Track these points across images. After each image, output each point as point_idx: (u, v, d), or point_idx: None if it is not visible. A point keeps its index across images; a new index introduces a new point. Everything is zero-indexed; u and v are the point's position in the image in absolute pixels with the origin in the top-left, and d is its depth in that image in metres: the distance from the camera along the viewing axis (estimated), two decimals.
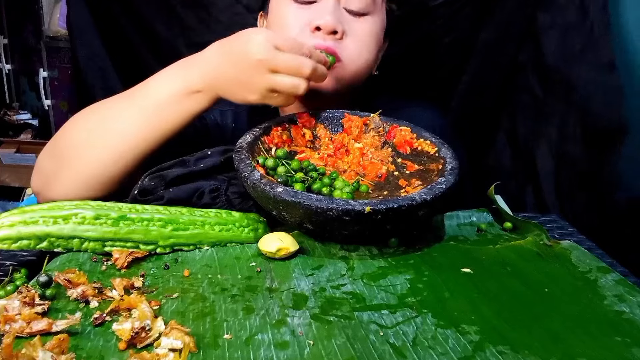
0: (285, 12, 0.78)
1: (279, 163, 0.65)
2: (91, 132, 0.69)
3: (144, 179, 0.66)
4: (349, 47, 0.77)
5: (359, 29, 0.78)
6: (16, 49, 2.56)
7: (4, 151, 2.20)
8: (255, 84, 0.64)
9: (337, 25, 0.75)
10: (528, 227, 0.67)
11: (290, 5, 0.78)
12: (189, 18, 1.13)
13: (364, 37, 0.79)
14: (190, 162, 0.68)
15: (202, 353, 0.44)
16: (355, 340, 0.46)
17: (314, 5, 0.77)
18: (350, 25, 0.78)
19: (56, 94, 2.24)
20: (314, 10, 0.77)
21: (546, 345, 0.46)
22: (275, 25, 0.80)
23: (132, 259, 0.57)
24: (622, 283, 0.56)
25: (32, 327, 0.45)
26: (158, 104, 0.68)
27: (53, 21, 2.15)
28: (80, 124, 0.71)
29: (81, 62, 1.18)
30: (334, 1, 0.77)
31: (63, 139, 0.72)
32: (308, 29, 0.76)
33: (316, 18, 0.75)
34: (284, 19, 0.78)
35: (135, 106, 0.69)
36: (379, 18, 0.81)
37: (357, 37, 0.78)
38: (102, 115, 0.70)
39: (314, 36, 0.75)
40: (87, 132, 0.70)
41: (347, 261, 0.59)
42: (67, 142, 0.71)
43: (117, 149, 0.68)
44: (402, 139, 0.73)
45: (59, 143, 0.72)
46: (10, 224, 0.54)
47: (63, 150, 0.71)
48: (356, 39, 0.78)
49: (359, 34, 0.78)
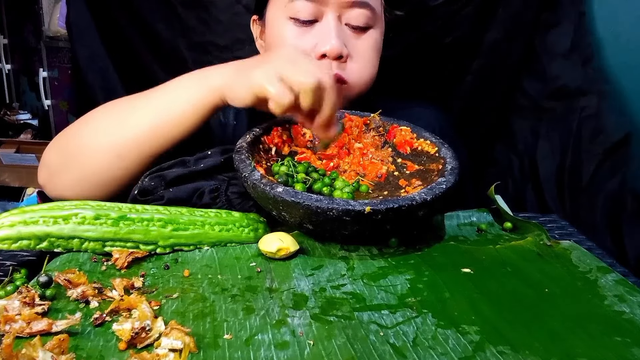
0: (285, 34, 0.76)
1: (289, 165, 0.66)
2: (102, 131, 0.69)
3: (144, 179, 0.66)
4: (354, 69, 0.76)
5: (362, 47, 0.77)
6: (16, 49, 2.56)
7: (4, 151, 2.20)
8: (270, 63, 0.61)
9: (343, 50, 0.74)
10: (528, 227, 0.67)
11: (290, 26, 0.76)
12: (189, 18, 1.13)
13: (367, 53, 0.78)
14: (190, 162, 0.68)
15: (202, 353, 0.44)
16: (356, 340, 0.46)
17: (316, 26, 0.75)
18: (353, 44, 0.76)
19: (56, 94, 2.24)
20: (316, 33, 0.75)
21: (546, 345, 0.46)
22: (276, 48, 0.78)
23: (132, 259, 0.57)
24: (622, 283, 0.56)
25: (32, 327, 0.45)
26: (174, 108, 0.67)
27: (53, 21, 2.15)
28: (93, 122, 0.71)
29: (81, 62, 1.19)
30: (335, 20, 0.75)
31: (73, 135, 0.72)
32: (312, 55, 0.74)
33: (321, 44, 0.74)
34: (285, 42, 0.76)
35: (150, 109, 0.68)
36: (379, 29, 0.80)
37: (360, 56, 0.77)
38: (115, 116, 0.70)
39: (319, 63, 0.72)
40: (99, 130, 0.69)
41: (347, 261, 0.59)
42: (77, 139, 0.71)
43: (126, 150, 0.68)
44: (402, 139, 0.73)
45: (68, 139, 0.72)
46: (10, 224, 0.54)
47: (71, 146, 0.71)
48: (360, 58, 0.77)
49: (362, 51, 0.77)
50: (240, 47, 1.11)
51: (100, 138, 0.69)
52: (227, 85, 0.64)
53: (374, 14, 0.77)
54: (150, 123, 0.67)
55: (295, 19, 0.75)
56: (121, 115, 0.69)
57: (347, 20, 0.76)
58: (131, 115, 0.69)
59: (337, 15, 0.75)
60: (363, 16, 0.76)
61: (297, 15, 0.75)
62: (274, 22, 0.78)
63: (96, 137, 0.69)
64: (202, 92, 0.66)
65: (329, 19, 0.75)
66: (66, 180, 0.70)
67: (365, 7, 0.75)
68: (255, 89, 0.60)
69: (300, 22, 0.75)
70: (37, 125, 2.56)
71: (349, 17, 0.76)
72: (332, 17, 0.74)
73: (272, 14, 0.79)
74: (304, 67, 0.60)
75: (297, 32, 0.75)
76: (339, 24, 0.75)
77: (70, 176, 0.70)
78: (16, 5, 2.41)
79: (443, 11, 1.07)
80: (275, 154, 0.70)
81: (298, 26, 0.75)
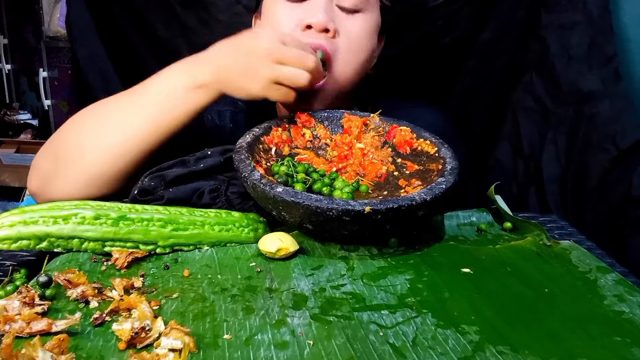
0: (276, 10, 0.78)
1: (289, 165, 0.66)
2: (91, 131, 0.69)
3: (143, 179, 0.66)
4: (342, 46, 0.76)
5: (352, 27, 0.77)
6: (16, 49, 2.56)
7: (4, 151, 2.20)
8: (259, 74, 0.65)
9: (329, 24, 0.74)
10: (528, 227, 0.67)
11: (282, 3, 0.77)
12: (189, 18, 1.13)
13: (357, 35, 0.78)
14: (190, 162, 0.68)
15: (202, 353, 0.44)
16: (355, 340, 0.46)
17: (306, 3, 0.76)
18: (343, 24, 0.76)
19: (56, 94, 2.24)
20: (305, 8, 0.76)
21: (546, 345, 0.46)
22: (267, 24, 0.79)
23: (132, 259, 0.57)
24: (622, 283, 0.56)
25: (32, 327, 0.45)
26: (160, 100, 0.68)
27: (53, 21, 2.15)
28: (79, 123, 0.71)
29: (81, 62, 1.19)
30: None
31: (62, 138, 0.72)
32: (299, 28, 0.75)
33: (307, 16, 0.74)
34: (275, 17, 0.78)
35: (136, 103, 0.69)
36: (372, 15, 0.80)
37: (350, 36, 0.77)
38: (102, 114, 0.70)
39: (305, 34, 0.74)
40: (87, 131, 0.69)
41: (347, 261, 0.59)
42: (67, 141, 0.71)
43: (117, 147, 0.68)
44: (402, 139, 0.73)
45: (57, 143, 0.72)
46: (10, 224, 0.54)
47: (62, 150, 0.70)
48: (349, 38, 0.77)
49: (351, 32, 0.77)
50: None
51: (91, 138, 0.69)
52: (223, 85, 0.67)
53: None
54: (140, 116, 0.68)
55: None
56: (110, 116, 0.69)
57: (338, 1, 0.77)
58: (120, 112, 0.69)
59: None
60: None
61: None
62: (268, 4, 0.80)
63: (87, 137, 0.69)
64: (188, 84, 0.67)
65: None
66: (60, 185, 0.69)
67: None
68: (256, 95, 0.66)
69: (292, 0, 0.77)
70: (37, 125, 2.56)
71: None
72: None
73: None
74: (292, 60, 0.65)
75: (288, 8, 0.77)
76: (329, 2, 0.76)
77: (63, 181, 0.69)
78: (16, 5, 2.41)
79: (442, 11, 1.07)
80: (275, 154, 0.70)
81: (290, 3, 0.77)
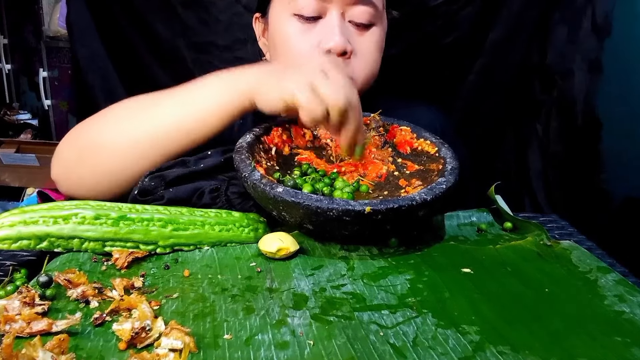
0: (289, 31, 0.76)
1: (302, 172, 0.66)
2: (123, 127, 0.69)
3: (144, 179, 0.66)
4: (357, 66, 0.76)
5: (365, 44, 0.77)
6: (16, 49, 2.56)
7: (4, 151, 2.20)
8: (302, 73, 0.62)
9: (347, 46, 0.74)
10: (528, 227, 0.67)
11: (294, 22, 0.76)
12: (189, 18, 1.13)
13: (370, 50, 0.78)
14: (190, 162, 0.68)
15: (202, 353, 0.44)
16: (356, 340, 0.46)
17: (320, 22, 0.75)
18: (357, 40, 0.76)
19: (56, 94, 2.24)
20: (320, 29, 0.75)
21: (546, 345, 0.46)
22: (281, 45, 0.78)
23: (132, 259, 0.57)
24: (622, 283, 0.56)
25: (32, 327, 0.45)
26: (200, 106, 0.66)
27: (53, 21, 2.15)
28: (113, 117, 0.71)
29: (81, 62, 1.19)
30: (339, 16, 0.75)
31: (91, 130, 0.71)
32: (317, 50, 0.74)
33: (325, 40, 0.74)
34: (289, 39, 0.76)
35: (175, 104, 0.68)
36: (382, 26, 0.80)
37: (363, 53, 0.77)
38: (137, 111, 0.70)
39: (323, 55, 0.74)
40: (119, 126, 0.69)
41: (347, 261, 0.59)
42: (95, 133, 0.70)
43: (144, 144, 0.67)
44: (402, 139, 0.73)
45: (85, 133, 0.71)
46: (10, 224, 0.54)
47: (89, 141, 0.70)
48: (363, 55, 0.77)
49: (365, 48, 0.77)
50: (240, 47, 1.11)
51: (120, 134, 0.68)
52: (257, 89, 0.64)
53: (377, 11, 0.78)
54: (175, 120, 0.67)
55: (299, 15, 0.75)
56: (144, 111, 0.69)
57: (350, 17, 0.76)
58: (155, 111, 0.68)
59: (340, 12, 0.75)
60: (366, 13, 0.76)
61: (301, 11, 0.75)
62: (278, 19, 0.78)
63: (116, 132, 0.69)
64: (230, 93, 0.66)
65: (332, 15, 0.75)
66: (82, 176, 0.69)
67: (369, 4, 0.76)
68: (286, 96, 0.61)
69: (304, 19, 0.75)
70: (37, 125, 2.56)
71: (352, 14, 0.76)
72: (336, 14, 0.75)
73: (275, 11, 0.79)
74: (336, 81, 0.61)
75: (301, 29, 0.76)
76: (342, 21, 0.76)
77: (85, 171, 0.69)
78: (16, 5, 2.41)
79: (443, 11, 1.07)
80: (275, 154, 0.70)
81: (302, 22, 0.76)
